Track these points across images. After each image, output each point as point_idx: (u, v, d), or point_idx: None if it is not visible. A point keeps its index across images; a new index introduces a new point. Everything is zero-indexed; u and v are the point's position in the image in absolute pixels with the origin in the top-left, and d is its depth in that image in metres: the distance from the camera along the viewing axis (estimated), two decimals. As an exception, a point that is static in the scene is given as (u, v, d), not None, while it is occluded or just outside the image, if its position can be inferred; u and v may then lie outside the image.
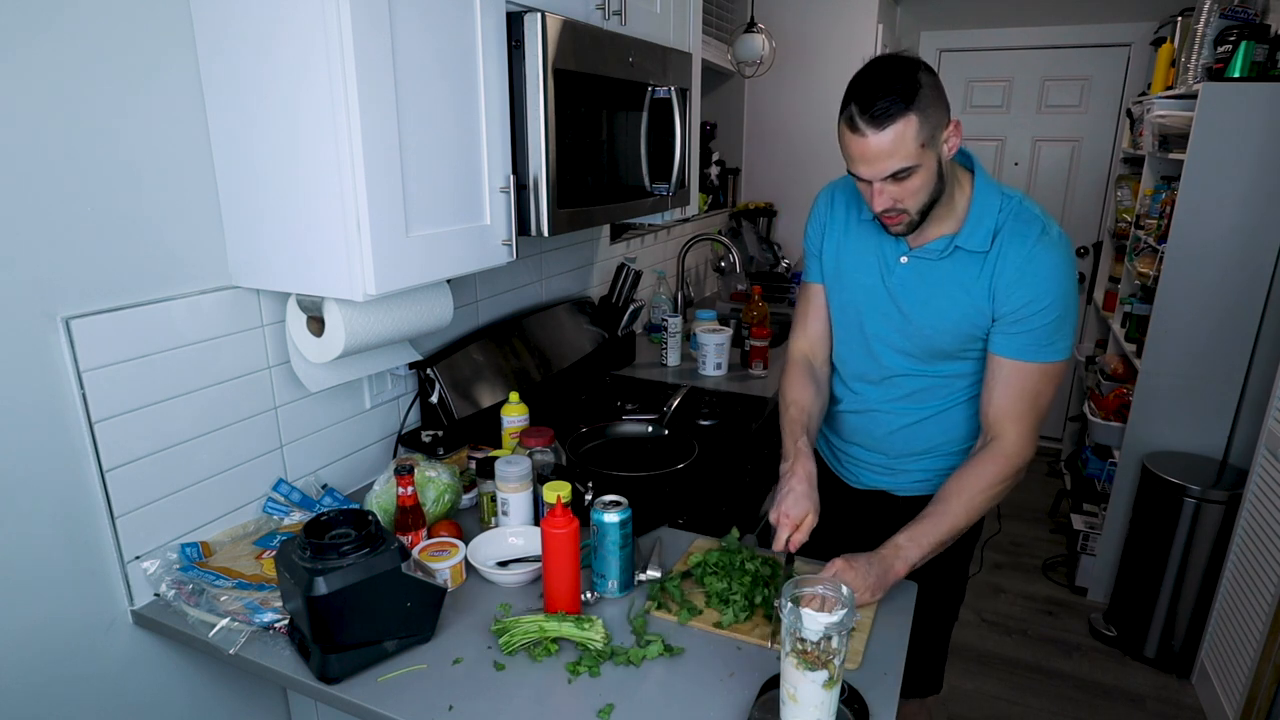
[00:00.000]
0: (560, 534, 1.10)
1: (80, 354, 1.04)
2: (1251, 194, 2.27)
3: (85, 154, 1.02)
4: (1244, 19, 2.32)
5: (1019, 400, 1.22)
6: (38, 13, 0.95)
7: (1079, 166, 3.81)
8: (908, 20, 3.91)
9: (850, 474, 1.52)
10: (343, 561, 0.98)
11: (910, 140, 1.07)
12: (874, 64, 1.11)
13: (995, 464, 1.21)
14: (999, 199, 1.22)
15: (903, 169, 1.09)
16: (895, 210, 1.16)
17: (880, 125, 1.06)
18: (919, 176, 1.11)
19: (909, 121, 1.06)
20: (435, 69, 1.13)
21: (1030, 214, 1.21)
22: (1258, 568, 2.05)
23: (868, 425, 1.43)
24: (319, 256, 1.11)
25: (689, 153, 1.81)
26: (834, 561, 1.14)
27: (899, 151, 1.08)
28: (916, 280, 1.27)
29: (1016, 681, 2.40)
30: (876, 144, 1.08)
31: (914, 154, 1.08)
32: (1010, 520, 3.39)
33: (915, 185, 1.12)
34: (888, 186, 1.12)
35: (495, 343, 1.83)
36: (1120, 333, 3.03)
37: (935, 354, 1.31)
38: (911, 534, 1.17)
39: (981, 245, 1.20)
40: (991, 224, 1.21)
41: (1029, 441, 1.23)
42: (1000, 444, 1.22)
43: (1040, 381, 1.21)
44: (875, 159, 1.09)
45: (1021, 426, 1.22)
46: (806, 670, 0.86)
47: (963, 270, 1.23)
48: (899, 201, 1.14)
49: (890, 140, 1.07)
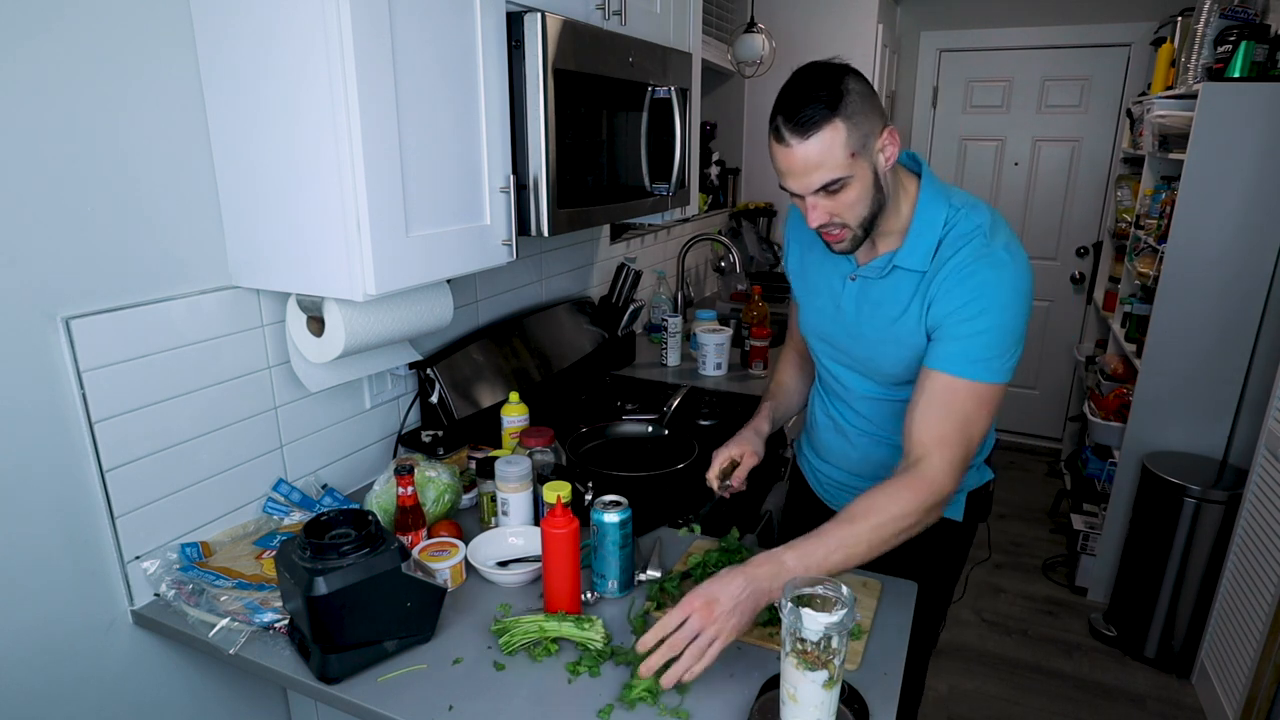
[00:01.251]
0: (560, 534, 1.10)
1: (80, 354, 1.04)
2: (1251, 194, 2.27)
3: (85, 154, 1.02)
4: (1244, 19, 2.32)
5: (945, 421, 1.08)
6: (38, 13, 0.95)
7: (1079, 166, 3.81)
8: (908, 20, 3.91)
9: (830, 496, 1.48)
10: (343, 561, 0.98)
11: (839, 149, 1.01)
12: (799, 73, 1.04)
13: (914, 491, 1.04)
14: (945, 211, 1.13)
15: (834, 180, 1.03)
16: (834, 225, 1.09)
17: (805, 134, 1.00)
18: (853, 189, 1.05)
19: (836, 129, 1.00)
20: (435, 68, 1.13)
21: (978, 229, 1.11)
22: (1258, 568, 2.05)
23: (842, 445, 1.39)
24: (319, 256, 1.11)
25: (689, 153, 1.81)
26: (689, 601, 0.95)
27: (827, 162, 1.01)
28: (861, 300, 1.21)
29: (1016, 681, 2.40)
30: (803, 154, 1.01)
31: (844, 164, 1.02)
32: (1010, 520, 3.39)
33: (851, 198, 1.05)
34: (821, 200, 1.06)
35: (495, 343, 1.83)
36: (1120, 333, 3.03)
37: (886, 378, 1.23)
38: (801, 551, 1.00)
39: (920, 264, 1.12)
40: (933, 239, 1.12)
41: (953, 473, 1.06)
42: (922, 469, 1.06)
43: (970, 403, 1.08)
44: (803, 171, 1.03)
45: (947, 453, 1.06)
46: (806, 670, 0.86)
47: (901, 290, 1.15)
48: (835, 216, 1.07)
49: (817, 150, 1.01)
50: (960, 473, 1.08)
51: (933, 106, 3.99)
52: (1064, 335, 4.01)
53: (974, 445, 1.10)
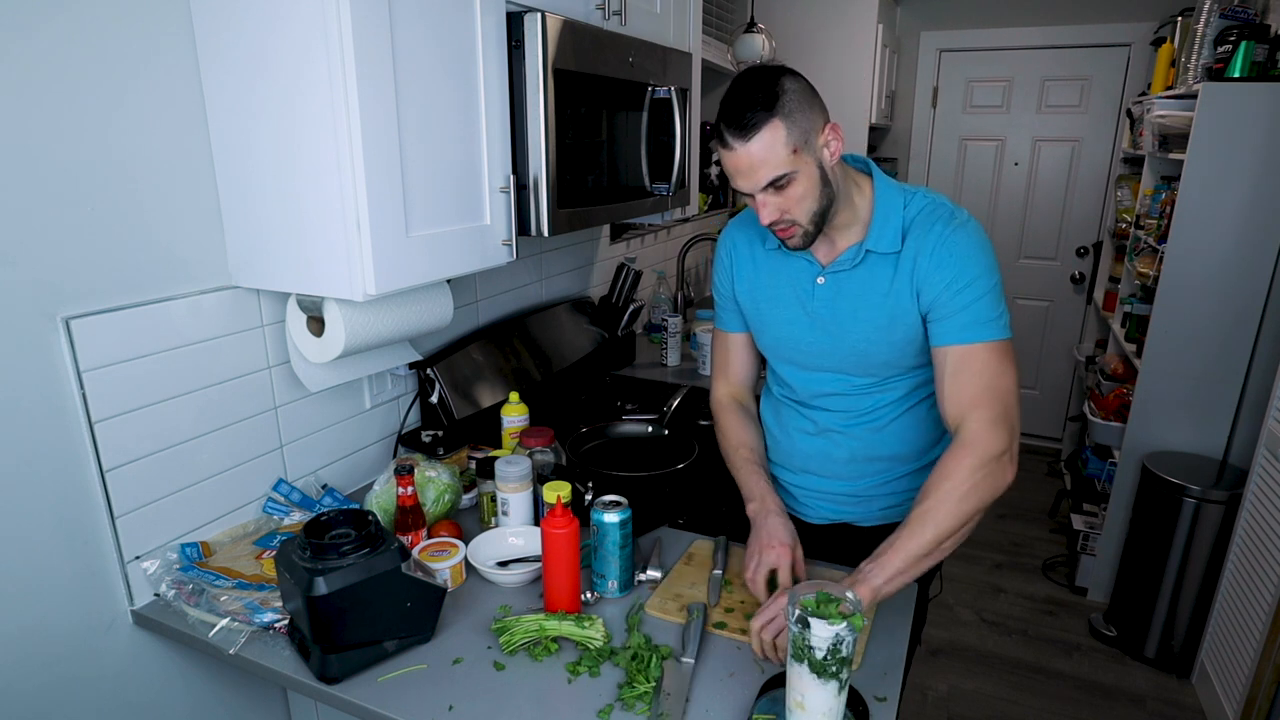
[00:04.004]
0: (560, 534, 1.10)
1: (80, 354, 1.04)
2: (1251, 194, 2.27)
3: (85, 154, 1.02)
4: (1244, 19, 2.32)
5: (972, 385, 1.12)
6: (36, 12, 0.95)
7: (1079, 166, 3.81)
8: (908, 20, 3.91)
9: (810, 508, 1.40)
10: (343, 561, 0.98)
11: (780, 146, 1.05)
12: (738, 79, 1.09)
13: (960, 457, 1.09)
14: (901, 197, 1.19)
15: (779, 176, 1.07)
16: (785, 222, 1.12)
17: (746, 136, 1.05)
18: (799, 184, 1.09)
19: (774, 128, 1.05)
20: (435, 68, 1.13)
21: (938, 205, 1.18)
22: (1258, 568, 2.05)
23: (826, 448, 1.32)
24: (319, 256, 1.11)
25: (689, 153, 1.81)
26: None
27: (770, 159, 1.06)
28: (837, 297, 1.22)
29: (1016, 681, 2.40)
30: (746, 155, 1.06)
31: (786, 160, 1.06)
32: (1010, 520, 3.39)
33: (798, 193, 1.09)
34: (770, 197, 1.10)
35: (495, 343, 1.83)
36: (1120, 333, 3.03)
37: (874, 368, 1.24)
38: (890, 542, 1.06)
39: (891, 246, 1.17)
40: (898, 222, 1.17)
41: (994, 430, 1.10)
42: (962, 435, 1.11)
43: (990, 364, 1.12)
44: (749, 170, 1.07)
45: (982, 413, 1.10)
46: (815, 678, 0.85)
47: (879, 274, 1.18)
48: (786, 212, 1.11)
49: (759, 149, 1.05)
50: (1003, 430, 1.11)
51: (933, 106, 3.98)
52: (1064, 335, 4.01)
53: (1009, 401, 1.13)
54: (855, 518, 1.37)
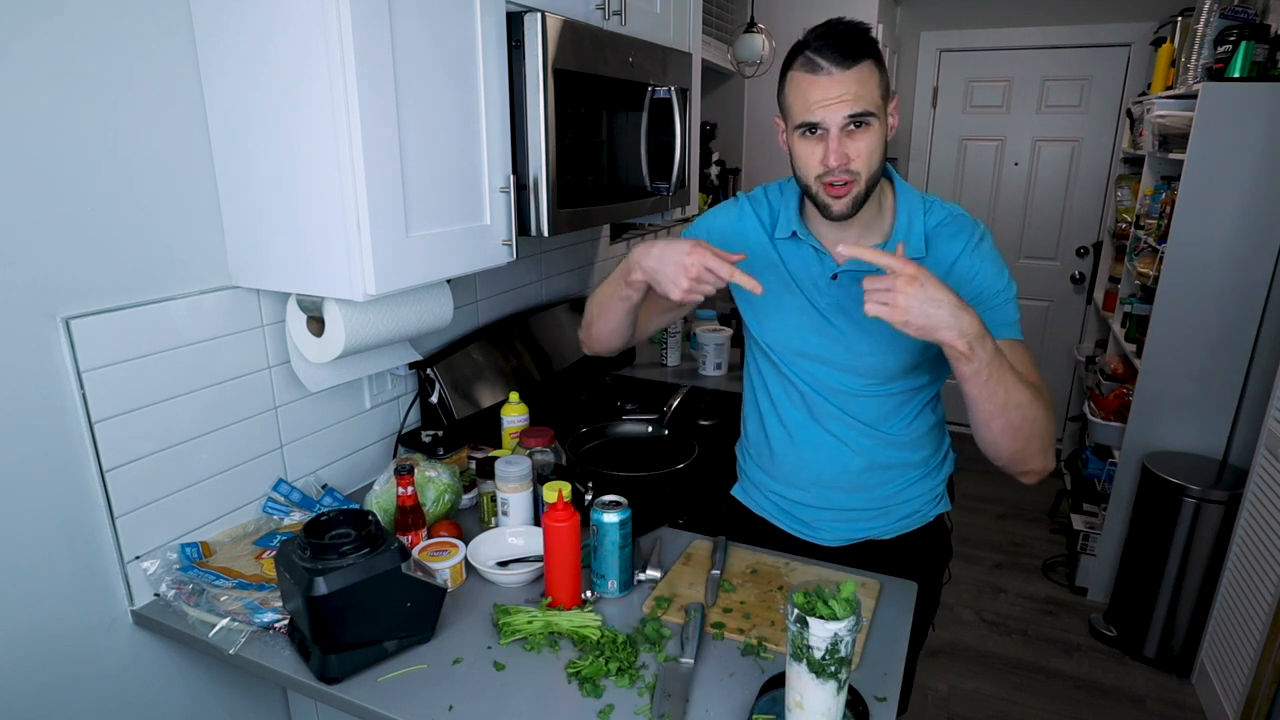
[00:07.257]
0: (562, 527, 1.10)
1: (80, 354, 1.04)
2: (1251, 194, 2.27)
3: (85, 154, 1.02)
4: (1244, 19, 2.32)
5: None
6: (36, 12, 0.95)
7: (1079, 166, 3.81)
8: (908, 20, 3.91)
9: (825, 530, 1.33)
10: (343, 561, 0.98)
11: (874, 86, 1.05)
12: (833, 21, 1.07)
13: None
14: (922, 204, 1.19)
15: (866, 112, 1.04)
16: (848, 172, 1.07)
17: (848, 64, 1.02)
18: (873, 133, 1.06)
19: (873, 68, 1.04)
20: (435, 68, 1.13)
21: (958, 215, 1.18)
22: (1258, 568, 2.05)
23: (840, 458, 1.27)
24: (319, 256, 1.11)
25: (689, 152, 1.81)
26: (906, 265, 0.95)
27: (864, 95, 1.03)
28: (850, 298, 1.18)
29: (1016, 681, 2.40)
30: (844, 82, 1.02)
31: (876, 101, 1.05)
32: (1010, 520, 3.39)
33: (869, 144, 1.06)
34: (846, 139, 1.05)
35: (495, 343, 1.83)
36: (1120, 333, 3.03)
37: (887, 370, 1.21)
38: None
39: (916, 251, 1.15)
40: (920, 228, 1.16)
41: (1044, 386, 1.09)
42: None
43: (1023, 356, 1.11)
44: (839, 99, 1.03)
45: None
46: (813, 678, 0.85)
47: None
48: (853, 160, 1.06)
49: (857, 80, 1.03)
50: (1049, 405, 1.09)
51: (933, 106, 3.99)
52: (1064, 335, 4.01)
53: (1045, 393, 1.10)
54: (876, 532, 1.32)
